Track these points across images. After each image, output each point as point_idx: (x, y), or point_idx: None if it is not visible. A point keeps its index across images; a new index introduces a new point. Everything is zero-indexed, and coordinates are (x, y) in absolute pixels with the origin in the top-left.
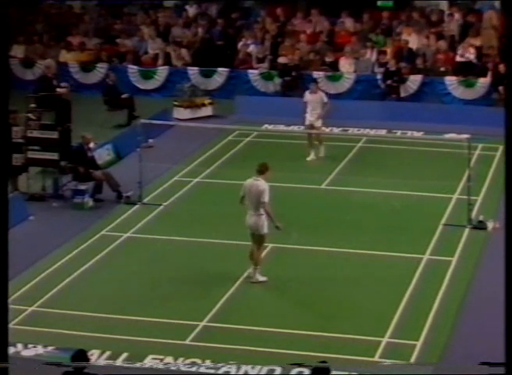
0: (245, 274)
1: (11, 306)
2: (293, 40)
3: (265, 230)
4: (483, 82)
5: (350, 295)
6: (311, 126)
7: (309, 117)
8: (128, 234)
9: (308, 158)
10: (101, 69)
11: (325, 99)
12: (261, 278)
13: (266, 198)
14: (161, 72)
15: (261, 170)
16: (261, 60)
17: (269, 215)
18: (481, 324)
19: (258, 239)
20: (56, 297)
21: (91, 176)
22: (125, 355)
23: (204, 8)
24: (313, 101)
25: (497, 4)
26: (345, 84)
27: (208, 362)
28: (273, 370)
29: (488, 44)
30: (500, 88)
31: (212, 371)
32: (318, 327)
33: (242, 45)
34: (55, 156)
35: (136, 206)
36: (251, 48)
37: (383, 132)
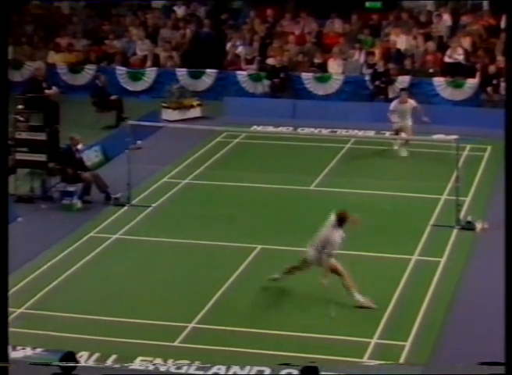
0: (234, 276)
1: None
2: (281, 41)
3: None
4: (471, 83)
5: (338, 296)
6: (400, 130)
7: (397, 121)
8: (117, 236)
9: (403, 154)
10: (90, 70)
11: (415, 104)
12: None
13: None
14: (150, 73)
15: None
16: (249, 61)
17: None
18: (470, 324)
19: None
20: (45, 299)
21: (80, 177)
22: (114, 356)
23: (193, 9)
24: (403, 110)
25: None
26: (333, 85)
27: (197, 364)
28: (262, 371)
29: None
30: (489, 89)
31: (201, 372)
32: (307, 328)
33: (230, 46)
34: (43, 158)
35: (125, 208)
36: (240, 50)
37: (372, 133)
